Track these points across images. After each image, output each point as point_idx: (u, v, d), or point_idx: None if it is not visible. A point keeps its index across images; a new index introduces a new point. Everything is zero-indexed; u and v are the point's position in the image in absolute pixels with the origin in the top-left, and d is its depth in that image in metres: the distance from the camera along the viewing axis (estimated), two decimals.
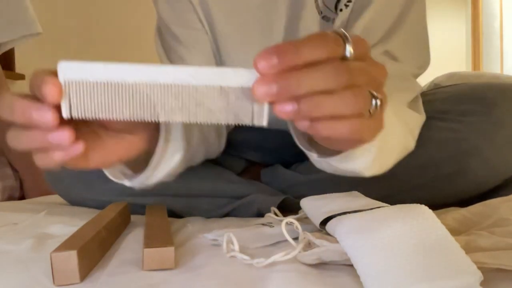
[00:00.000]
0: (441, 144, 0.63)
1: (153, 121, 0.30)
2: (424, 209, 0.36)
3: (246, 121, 0.29)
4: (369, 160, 0.43)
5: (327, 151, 0.42)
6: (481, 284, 0.30)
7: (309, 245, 0.40)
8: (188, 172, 0.70)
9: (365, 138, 0.34)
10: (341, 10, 0.64)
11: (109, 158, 0.39)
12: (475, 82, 0.73)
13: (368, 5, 0.60)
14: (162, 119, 0.29)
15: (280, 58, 0.28)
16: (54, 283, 0.35)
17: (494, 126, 0.61)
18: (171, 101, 0.29)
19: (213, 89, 0.29)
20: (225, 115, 0.29)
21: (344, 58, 0.30)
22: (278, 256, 0.38)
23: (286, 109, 0.29)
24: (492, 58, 3.44)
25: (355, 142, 0.37)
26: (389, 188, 0.65)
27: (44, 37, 2.26)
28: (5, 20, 1.06)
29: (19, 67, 2.18)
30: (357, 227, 0.36)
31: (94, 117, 0.30)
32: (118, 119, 0.30)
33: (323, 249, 0.37)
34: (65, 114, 0.30)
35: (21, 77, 2.18)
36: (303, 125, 0.30)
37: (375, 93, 0.31)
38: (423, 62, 0.63)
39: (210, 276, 0.37)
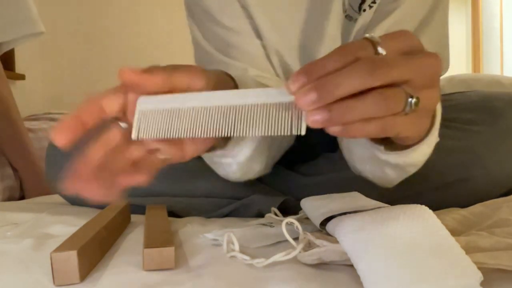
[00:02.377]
0: (444, 152, 0.62)
1: (207, 137, 0.34)
2: (425, 209, 0.36)
3: (286, 132, 0.32)
4: (428, 152, 0.44)
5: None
6: (481, 284, 0.30)
7: (309, 245, 0.40)
8: (189, 172, 0.70)
9: (406, 134, 0.34)
10: (364, 10, 0.65)
11: (199, 147, 0.41)
12: (484, 91, 0.72)
13: (393, 10, 0.61)
14: (214, 135, 0.34)
15: (309, 76, 0.29)
16: (54, 283, 0.35)
17: (499, 136, 0.61)
18: (222, 119, 0.33)
19: (257, 106, 0.33)
20: (268, 129, 0.32)
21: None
22: (278, 256, 0.38)
23: (317, 119, 0.29)
24: (492, 58, 3.44)
25: (400, 139, 0.38)
26: (390, 195, 0.64)
27: (45, 38, 2.26)
28: (8, 20, 1.07)
29: (19, 67, 2.18)
30: (358, 227, 0.36)
31: (159, 138, 0.35)
32: (179, 137, 0.35)
33: (323, 249, 0.37)
34: (134, 136, 0.35)
35: (21, 77, 2.18)
36: (334, 130, 0.30)
37: (411, 93, 0.30)
38: (443, 66, 0.63)
39: (210, 276, 0.37)
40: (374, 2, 0.63)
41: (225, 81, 0.47)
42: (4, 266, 0.40)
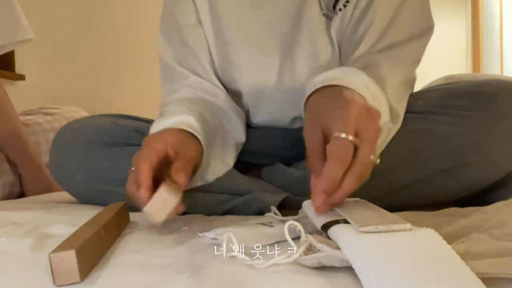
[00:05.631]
0: (441, 139, 0.63)
1: None
2: (432, 231, 0.36)
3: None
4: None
5: None
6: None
7: (309, 247, 0.40)
8: None
9: None
10: (340, 9, 0.68)
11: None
12: (474, 79, 0.74)
13: (369, 6, 0.66)
14: None
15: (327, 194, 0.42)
16: (54, 283, 0.35)
17: (494, 120, 0.62)
18: None
19: None
20: None
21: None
22: (279, 259, 0.38)
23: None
24: (492, 58, 3.44)
25: None
26: (391, 183, 0.65)
27: (44, 38, 2.26)
28: None
29: (19, 67, 2.18)
30: (362, 236, 0.36)
31: None
32: None
33: (324, 255, 0.37)
34: None
35: (21, 77, 2.18)
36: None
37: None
38: (428, 27, 0.68)
39: (210, 277, 0.37)
40: (347, 2, 0.68)
41: (185, 142, 0.57)
42: (4, 266, 0.40)
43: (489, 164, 0.63)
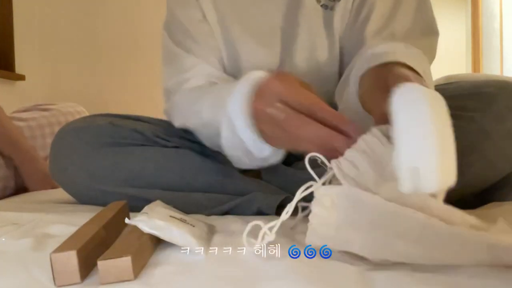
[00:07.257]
0: None
1: None
2: None
3: None
4: None
5: None
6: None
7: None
8: (190, 167, 0.70)
9: None
10: None
11: None
12: (474, 80, 0.74)
13: None
14: None
15: None
16: (55, 283, 0.35)
17: (493, 121, 0.62)
18: None
19: None
20: None
21: None
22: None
23: None
24: (492, 58, 3.44)
25: None
26: None
27: (44, 38, 2.26)
28: None
29: (19, 67, 2.18)
30: None
31: None
32: None
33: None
34: None
35: (21, 77, 2.18)
36: None
37: None
38: (429, 29, 0.68)
39: (209, 277, 0.37)
40: None
41: None
42: (4, 266, 0.40)
43: (488, 165, 0.63)
